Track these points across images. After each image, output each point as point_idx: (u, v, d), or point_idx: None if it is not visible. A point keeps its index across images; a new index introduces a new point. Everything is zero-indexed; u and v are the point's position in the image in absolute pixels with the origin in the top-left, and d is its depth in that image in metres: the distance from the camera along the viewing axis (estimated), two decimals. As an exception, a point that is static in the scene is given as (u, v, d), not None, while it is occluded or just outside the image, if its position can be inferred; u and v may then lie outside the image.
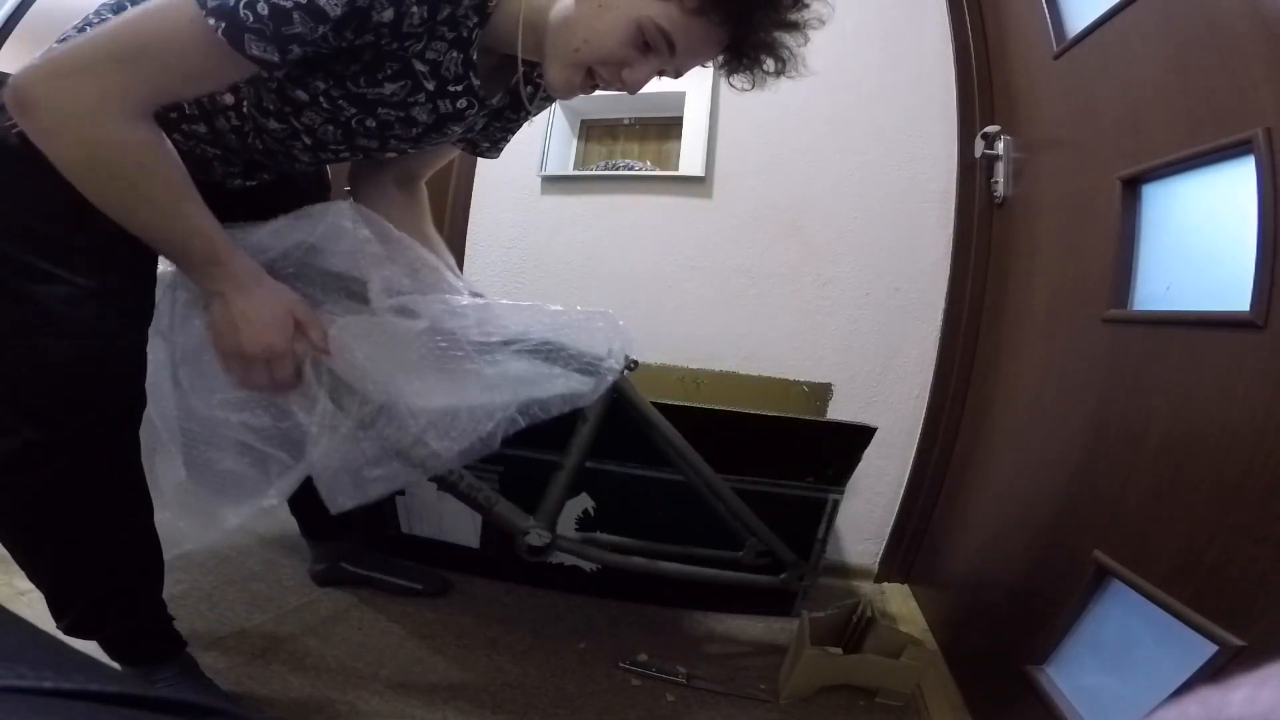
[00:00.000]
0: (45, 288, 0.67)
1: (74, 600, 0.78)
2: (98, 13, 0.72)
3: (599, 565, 1.06)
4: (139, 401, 0.74)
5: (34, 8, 2.16)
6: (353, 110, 0.71)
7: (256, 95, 0.71)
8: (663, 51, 0.67)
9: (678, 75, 0.72)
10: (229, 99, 0.72)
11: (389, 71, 0.68)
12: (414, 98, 0.71)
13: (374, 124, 0.73)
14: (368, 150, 0.79)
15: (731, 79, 0.73)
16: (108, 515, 0.76)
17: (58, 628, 0.80)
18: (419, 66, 0.68)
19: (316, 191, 0.97)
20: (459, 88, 0.72)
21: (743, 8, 0.65)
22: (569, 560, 1.25)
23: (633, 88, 0.69)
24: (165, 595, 0.88)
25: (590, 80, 0.69)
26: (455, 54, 0.69)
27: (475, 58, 0.70)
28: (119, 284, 0.71)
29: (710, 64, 0.73)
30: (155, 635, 0.87)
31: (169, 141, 0.66)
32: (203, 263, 0.69)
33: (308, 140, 0.75)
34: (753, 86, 0.74)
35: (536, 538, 0.92)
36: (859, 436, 1.16)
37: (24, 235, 0.67)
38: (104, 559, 0.77)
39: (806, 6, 0.69)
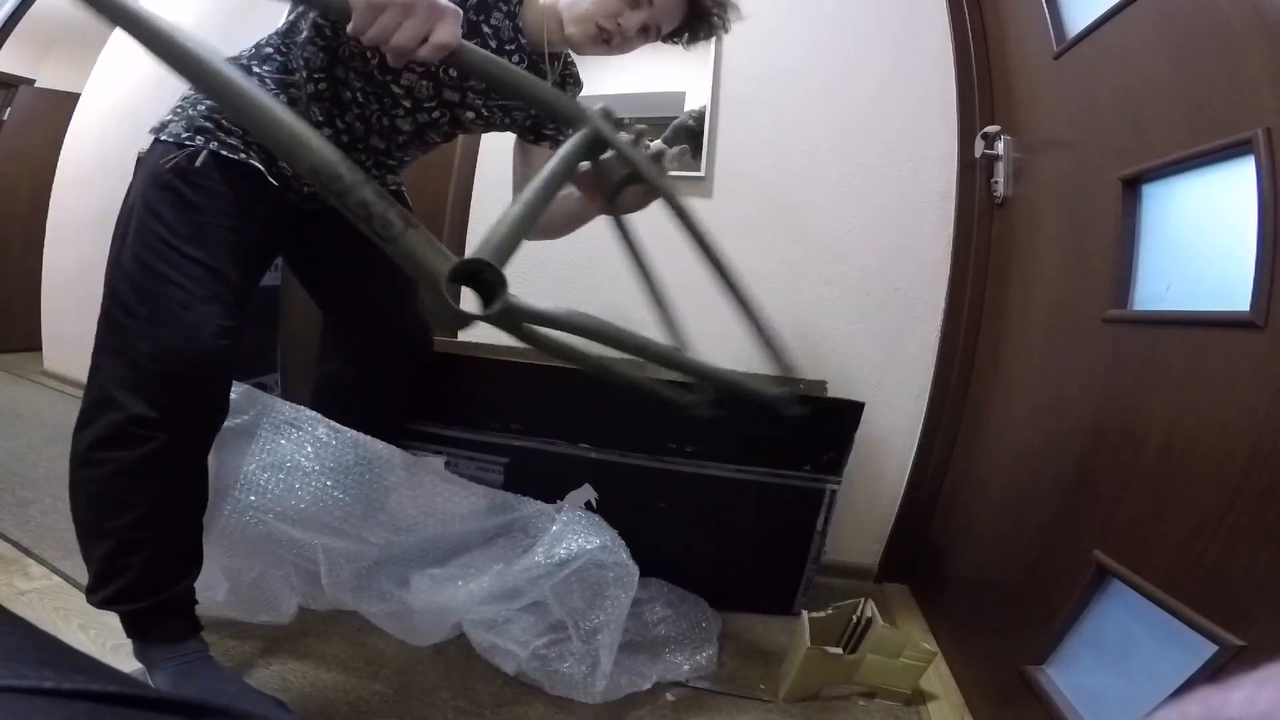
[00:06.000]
0: (164, 289, 0.82)
1: (125, 569, 0.84)
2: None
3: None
4: (223, 399, 0.88)
5: (34, 8, 2.15)
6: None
7: (350, 80, 0.89)
8: (644, 5, 0.88)
9: (658, 35, 0.93)
10: (346, 94, 0.90)
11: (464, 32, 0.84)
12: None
13: (455, 74, 0.90)
14: (453, 106, 0.94)
15: (690, 44, 0.97)
16: (178, 495, 0.87)
17: (90, 599, 0.86)
18: (485, 30, 0.88)
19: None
20: (512, 46, 0.91)
21: None
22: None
23: (629, 31, 0.89)
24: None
25: (600, 32, 0.89)
26: (507, 21, 0.89)
27: (521, 24, 0.90)
28: (220, 293, 0.84)
29: (679, 42, 0.97)
30: (180, 616, 0.91)
31: None
32: None
33: (407, 104, 0.92)
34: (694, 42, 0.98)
35: (455, 291, 0.53)
36: (848, 412, 1.17)
37: (159, 247, 0.83)
38: (163, 534, 0.86)
39: None
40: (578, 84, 1.07)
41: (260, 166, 0.90)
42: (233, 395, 0.98)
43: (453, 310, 0.54)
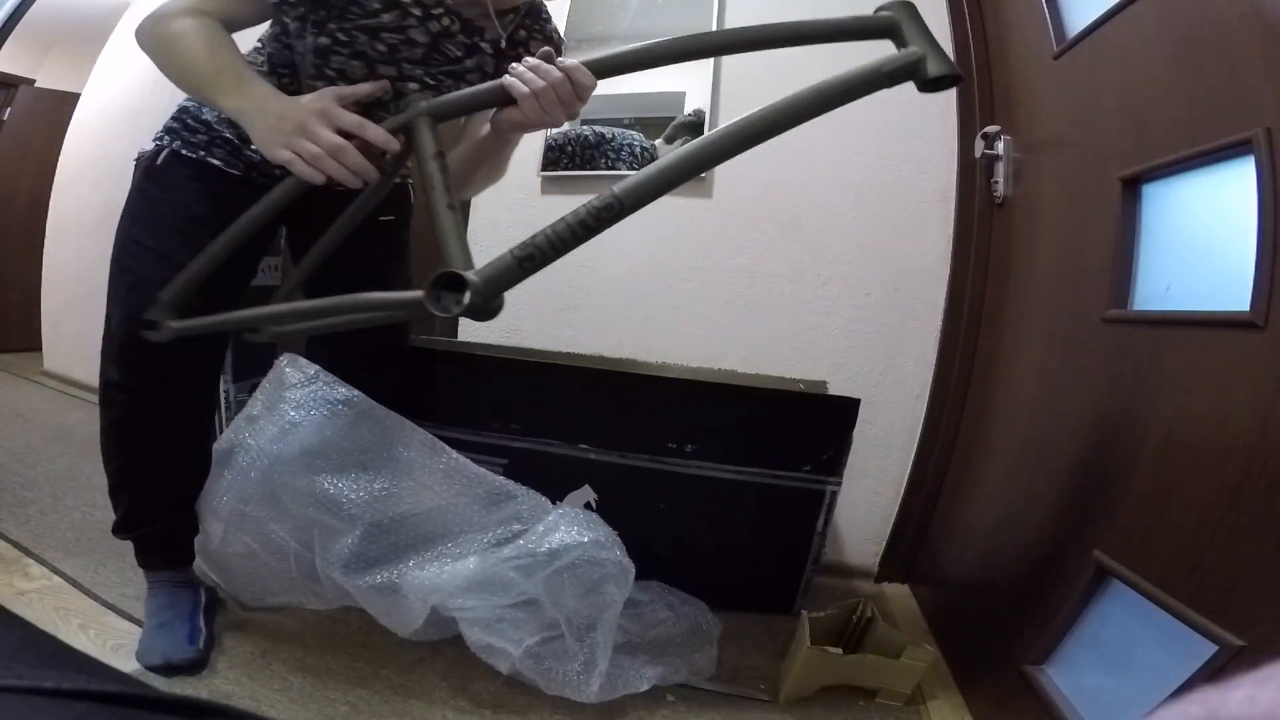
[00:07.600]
0: (122, 276, 0.93)
1: (118, 507, 1.03)
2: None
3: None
4: (174, 370, 0.94)
5: (34, 8, 2.16)
6: (364, 38, 0.88)
7: (303, 66, 0.92)
8: None
9: None
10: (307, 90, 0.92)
11: (380, 3, 0.85)
12: (406, 22, 0.87)
13: (384, 48, 0.89)
14: (394, 80, 0.91)
15: None
16: (149, 452, 0.99)
17: (113, 530, 1.04)
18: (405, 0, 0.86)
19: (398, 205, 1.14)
20: (439, 10, 0.87)
21: None
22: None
23: None
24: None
25: None
26: None
27: None
28: (169, 276, 0.89)
29: None
30: (156, 551, 1.07)
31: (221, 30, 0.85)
32: (229, 90, 0.81)
33: (343, 85, 0.92)
34: None
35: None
36: (844, 410, 1.18)
37: (124, 242, 0.95)
38: (139, 482, 1.02)
39: None
40: (548, 41, 0.97)
41: (219, 163, 0.97)
42: (290, 371, 1.07)
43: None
